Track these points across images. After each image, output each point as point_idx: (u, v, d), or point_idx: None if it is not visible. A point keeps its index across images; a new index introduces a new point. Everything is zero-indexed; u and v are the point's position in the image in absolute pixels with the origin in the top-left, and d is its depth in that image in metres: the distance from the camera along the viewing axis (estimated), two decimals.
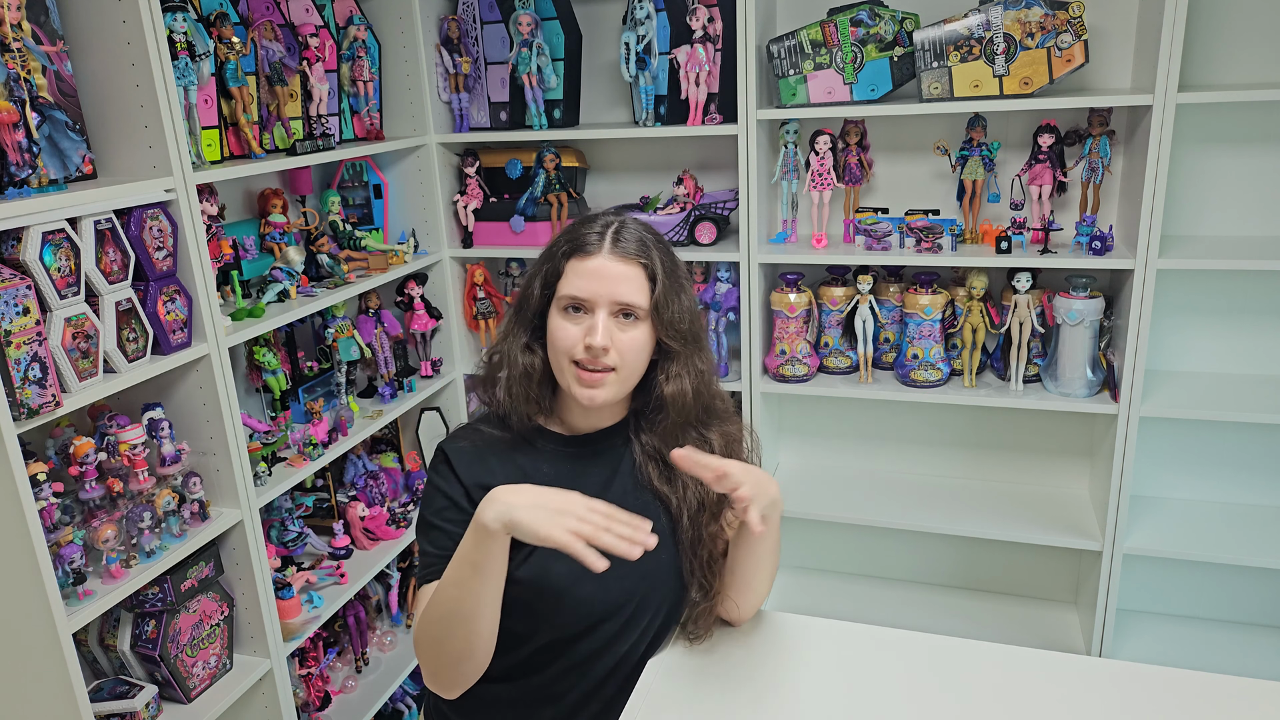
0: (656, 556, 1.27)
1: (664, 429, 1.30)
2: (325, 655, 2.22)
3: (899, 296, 2.36)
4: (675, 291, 1.28)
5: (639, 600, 1.29)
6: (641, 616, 1.29)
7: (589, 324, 1.23)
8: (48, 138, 1.53)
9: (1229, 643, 2.36)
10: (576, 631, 1.28)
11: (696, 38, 2.25)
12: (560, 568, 1.23)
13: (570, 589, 1.25)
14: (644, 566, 1.26)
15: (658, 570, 1.29)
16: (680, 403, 1.28)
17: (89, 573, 1.54)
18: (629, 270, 1.24)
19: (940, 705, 1.18)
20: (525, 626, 1.28)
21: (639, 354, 1.26)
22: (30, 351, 1.37)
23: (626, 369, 1.25)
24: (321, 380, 2.29)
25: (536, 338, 1.30)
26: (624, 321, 1.24)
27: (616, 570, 1.25)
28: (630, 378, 1.27)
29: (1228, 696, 1.16)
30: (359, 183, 2.47)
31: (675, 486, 1.29)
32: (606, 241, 1.25)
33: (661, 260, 1.27)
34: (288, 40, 2.05)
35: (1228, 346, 2.29)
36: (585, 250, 1.25)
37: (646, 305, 1.25)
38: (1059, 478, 2.51)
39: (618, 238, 1.26)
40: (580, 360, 1.23)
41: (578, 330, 1.23)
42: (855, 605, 2.62)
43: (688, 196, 2.39)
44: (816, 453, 2.71)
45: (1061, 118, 2.21)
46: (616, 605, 1.27)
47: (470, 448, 1.31)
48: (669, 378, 1.28)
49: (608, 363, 1.22)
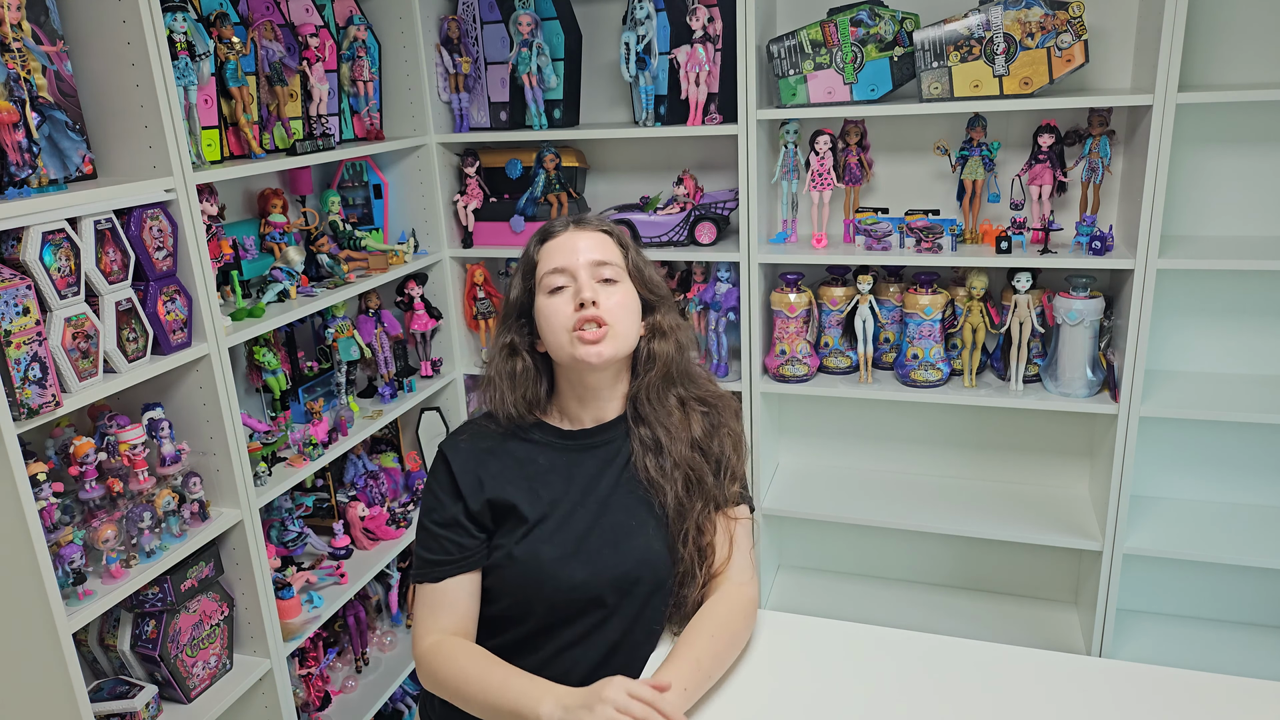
0: (648, 544, 1.31)
1: (652, 382, 1.35)
2: (325, 655, 2.22)
3: (899, 296, 2.36)
4: (645, 261, 1.39)
5: (630, 585, 1.30)
6: (632, 602, 1.31)
7: (574, 289, 1.29)
8: (48, 138, 1.53)
9: (1229, 643, 2.36)
10: (567, 614, 1.31)
11: (696, 38, 2.25)
12: (552, 551, 1.29)
13: (560, 572, 1.28)
14: (636, 553, 1.30)
15: (649, 557, 1.31)
16: (664, 357, 1.35)
17: (89, 573, 1.54)
18: (598, 237, 1.35)
19: (939, 705, 1.18)
20: (518, 609, 1.32)
21: (627, 311, 1.32)
22: (30, 351, 1.37)
23: (619, 324, 1.30)
24: (321, 380, 2.29)
25: (521, 335, 1.37)
26: (606, 286, 1.31)
27: (608, 556, 1.30)
28: (625, 335, 1.32)
29: (1228, 696, 1.16)
30: (359, 183, 2.47)
31: (669, 477, 1.32)
32: (569, 224, 1.36)
33: (626, 236, 1.38)
34: (288, 40, 2.05)
35: (1228, 346, 2.29)
36: (553, 234, 1.36)
37: (623, 264, 1.34)
38: (1059, 478, 2.51)
39: (580, 220, 1.38)
40: (577, 323, 1.28)
41: (565, 300, 1.30)
42: (855, 605, 2.62)
43: (688, 196, 2.39)
44: (816, 453, 2.71)
45: (1061, 118, 2.21)
46: (607, 590, 1.29)
47: (468, 444, 1.36)
48: (654, 334, 1.37)
49: (600, 315, 1.28)
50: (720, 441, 1.38)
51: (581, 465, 1.35)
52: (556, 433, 1.37)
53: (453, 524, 1.31)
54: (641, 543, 1.31)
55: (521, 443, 1.36)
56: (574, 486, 1.33)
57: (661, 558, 1.31)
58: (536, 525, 1.30)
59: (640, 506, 1.33)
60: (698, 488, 1.33)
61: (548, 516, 1.31)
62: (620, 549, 1.30)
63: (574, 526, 1.31)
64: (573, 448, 1.36)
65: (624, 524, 1.32)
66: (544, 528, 1.30)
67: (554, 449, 1.36)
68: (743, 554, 1.35)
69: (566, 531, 1.30)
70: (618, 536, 1.31)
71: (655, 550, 1.31)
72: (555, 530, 1.30)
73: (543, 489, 1.32)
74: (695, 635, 1.25)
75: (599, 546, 1.30)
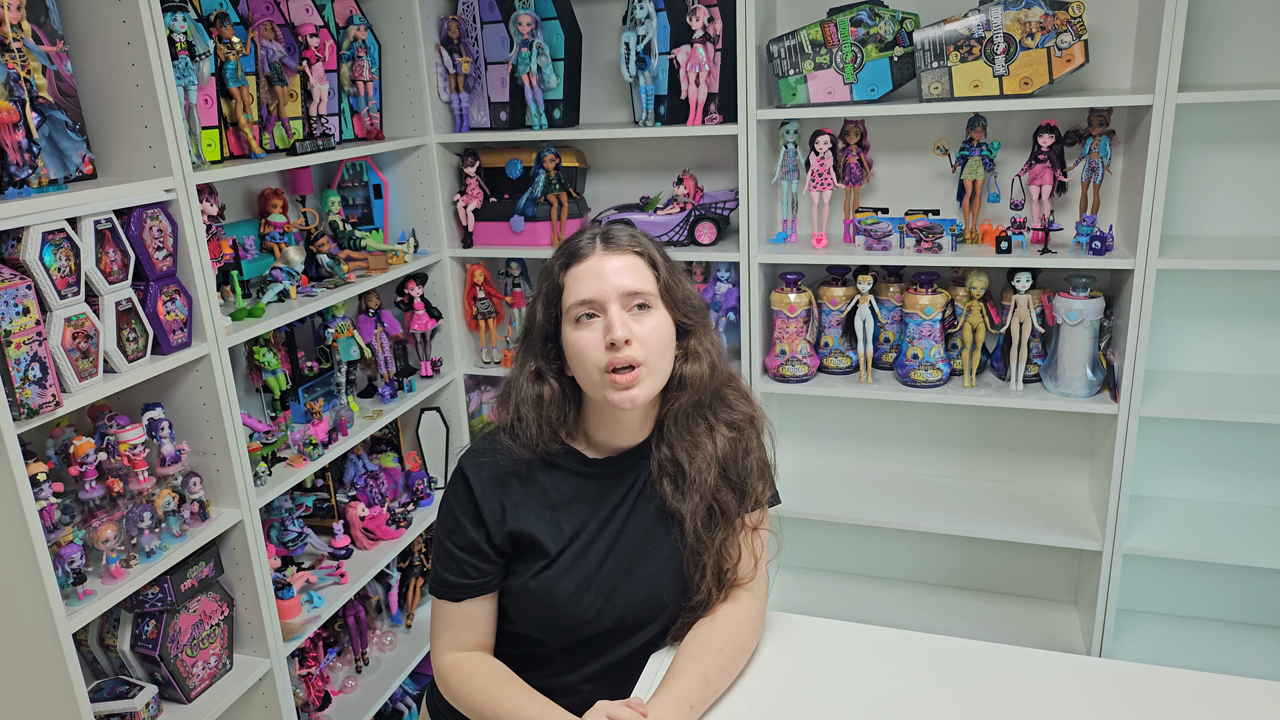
0: (663, 573, 1.29)
1: (682, 407, 1.28)
2: (325, 655, 2.22)
3: (899, 296, 2.36)
4: (678, 276, 1.28)
5: (644, 613, 1.29)
6: (646, 631, 1.31)
7: (604, 323, 1.21)
8: (48, 138, 1.53)
9: (1229, 643, 2.36)
10: (583, 638, 1.30)
11: (696, 38, 2.25)
12: (566, 584, 1.26)
13: (574, 606, 1.26)
14: (649, 583, 1.28)
15: (663, 587, 1.29)
16: (698, 381, 1.27)
17: (89, 573, 1.53)
18: (628, 261, 1.24)
19: (940, 705, 1.18)
20: (535, 631, 1.31)
21: (661, 341, 1.24)
22: (30, 351, 1.37)
23: (653, 359, 1.22)
24: (321, 380, 2.29)
25: (546, 361, 1.29)
26: (638, 313, 1.22)
27: (622, 587, 1.28)
28: (660, 369, 1.24)
29: (1228, 696, 1.16)
30: (359, 183, 2.47)
31: (687, 502, 1.28)
32: (597, 243, 1.26)
33: (656, 249, 1.29)
34: (288, 40, 2.04)
35: (1228, 346, 2.29)
36: (580, 257, 1.25)
37: (655, 289, 1.24)
38: (1059, 478, 2.51)
39: (608, 238, 1.26)
40: (608, 365, 1.20)
41: (595, 336, 1.21)
42: (855, 605, 2.62)
43: (688, 196, 2.39)
44: (816, 453, 2.71)
45: (1061, 118, 2.21)
46: (621, 618, 1.28)
47: (491, 466, 1.29)
48: (687, 355, 1.28)
49: (633, 356, 1.19)
50: (745, 466, 1.32)
51: (606, 497, 1.30)
52: (583, 460, 1.31)
53: (473, 549, 1.27)
54: (653, 571, 1.28)
55: (546, 468, 1.29)
56: (596, 516, 1.29)
57: (674, 585, 1.29)
58: (556, 559, 1.27)
59: (657, 529, 1.29)
60: (720, 518, 1.28)
61: (567, 549, 1.27)
62: (633, 576, 1.28)
63: (591, 558, 1.27)
64: (599, 475, 1.31)
65: (639, 550, 1.29)
66: (563, 560, 1.27)
67: (580, 476, 1.30)
68: (762, 565, 1.33)
69: (583, 564, 1.27)
70: (631, 563, 1.28)
71: (668, 578, 1.29)
72: (573, 563, 1.27)
73: (566, 521, 1.28)
74: (704, 649, 1.23)
75: (613, 576, 1.27)
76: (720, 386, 1.33)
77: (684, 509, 1.27)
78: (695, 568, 1.28)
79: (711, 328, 1.33)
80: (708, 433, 1.30)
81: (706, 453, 1.28)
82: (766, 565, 1.35)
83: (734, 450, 1.31)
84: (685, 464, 1.27)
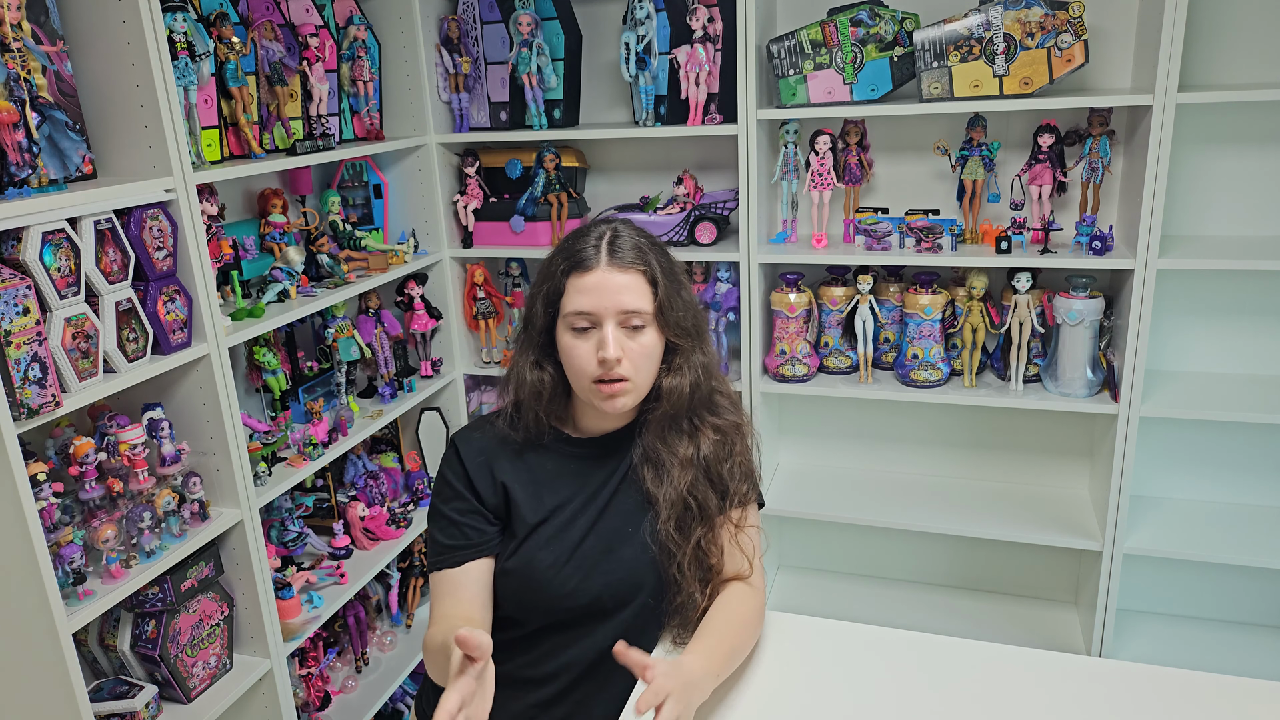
0: (641, 554, 1.31)
1: (658, 417, 1.33)
2: (325, 655, 2.22)
3: (899, 296, 2.36)
4: (675, 291, 1.31)
5: (622, 593, 1.31)
6: (630, 608, 1.32)
7: (599, 338, 1.25)
8: (48, 138, 1.53)
9: (1229, 643, 2.36)
10: (565, 619, 1.31)
11: (696, 38, 2.25)
12: (546, 558, 1.29)
13: (554, 579, 1.29)
14: (627, 562, 1.31)
15: (640, 567, 1.31)
16: (675, 396, 1.31)
17: (89, 573, 1.54)
18: (629, 279, 1.26)
19: (939, 705, 1.18)
20: (518, 613, 1.33)
21: (650, 360, 1.29)
22: (30, 351, 1.37)
23: (640, 376, 1.28)
24: (321, 380, 2.29)
25: (545, 354, 1.34)
26: (632, 331, 1.27)
27: (601, 564, 1.30)
28: (645, 383, 1.30)
29: (1228, 696, 1.16)
30: (359, 183, 2.47)
31: (663, 488, 1.31)
32: (603, 253, 1.27)
33: (659, 262, 1.30)
34: (288, 40, 2.04)
35: (1228, 346, 2.29)
36: (584, 265, 1.26)
37: (651, 310, 1.28)
38: (1059, 478, 2.51)
39: (613, 248, 1.27)
40: (597, 377, 1.26)
41: (589, 348, 1.26)
42: (855, 605, 2.62)
43: (688, 196, 2.39)
44: (816, 453, 2.71)
45: (1061, 118, 2.21)
46: (600, 596, 1.30)
47: (481, 440, 1.36)
48: (670, 370, 1.32)
49: (622, 373, 1.25)
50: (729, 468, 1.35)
51: (589, 477, 1.35)
52: (568, 440, 1.37)
53: (472, 511, 1.32)
54: (632, 554, 1.31)
55: (535, 448, 1.35)
56: (580, 494, 1.33)
57: (652, 571, 1.31)
58: (533, 531, 1.30)
59: (638, 512, 1.33)
60: (698, 517, 1.31)
61: (547, 521, 1.31)
62: (613, 555, 1.31)
63: (572, 533, 1.31)
64: (583, 455, 1.36)
65: (620, 529, 1.32)
66: (541, 533, 1.30)
67: (564, 455, 1.35)
68: (757, 562, 1.36)
69: (564, 539, 1.30)
70: (611, 543, 1.31)
71: (645, 561, 1.31)
72: (552, 536, 1.30)
73: (548, 494, 1.32)
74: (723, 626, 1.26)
75: (592, 553, 1.30)
76: (710, 394, 1.37)
77: (659, 494, 1.31)
78: (670, 562, 1.30)
79: (708, 342, 1.37)
80: (690, 435, 1.33)
81: (683, 454, 1.32)
82: (762, 561, 1.37)
83: (717, 453, 1.35)
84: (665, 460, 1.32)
